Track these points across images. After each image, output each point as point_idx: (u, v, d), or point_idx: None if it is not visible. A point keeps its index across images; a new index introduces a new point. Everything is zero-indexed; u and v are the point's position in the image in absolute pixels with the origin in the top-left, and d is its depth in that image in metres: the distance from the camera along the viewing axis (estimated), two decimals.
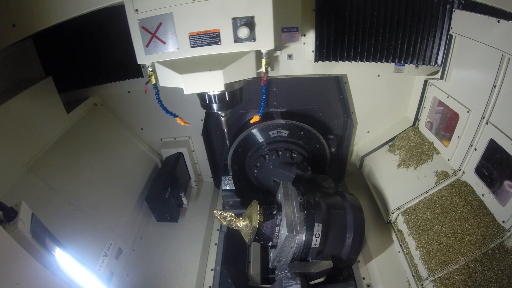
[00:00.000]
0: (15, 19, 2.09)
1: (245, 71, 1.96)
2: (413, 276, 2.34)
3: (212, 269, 2.88)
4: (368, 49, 2.67)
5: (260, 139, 3.19)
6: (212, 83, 1.89)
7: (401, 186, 2.81)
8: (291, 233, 2.27)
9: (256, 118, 2.41)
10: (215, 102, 2.22)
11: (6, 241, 1.28)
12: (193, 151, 3.67)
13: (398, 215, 2.68)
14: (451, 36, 2.41)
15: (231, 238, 3.09)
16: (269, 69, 2.01)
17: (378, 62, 2.72)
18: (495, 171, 2.23)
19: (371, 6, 2.50)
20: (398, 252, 2.58)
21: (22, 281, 1.29)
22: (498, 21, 1.91)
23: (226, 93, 2.18)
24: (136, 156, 3.53)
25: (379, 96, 3.16)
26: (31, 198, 2.21)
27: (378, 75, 3.00)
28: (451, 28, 2.39)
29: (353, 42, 2.66)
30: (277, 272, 2.45)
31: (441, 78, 2.63)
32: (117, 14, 2.49)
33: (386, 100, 3.20)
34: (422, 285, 2.23)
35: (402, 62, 2.72)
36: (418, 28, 2.52)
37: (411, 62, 2.69)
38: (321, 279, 2.45)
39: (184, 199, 3.39)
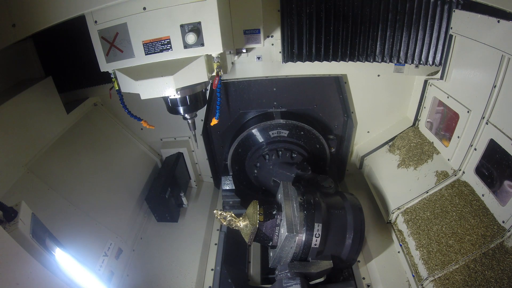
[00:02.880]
0: (15, 19, 2.10)
1: (196, 75, 2.01)
2: (413, 276, 2.34)
3: (212, 269, 2.88)
4: (356, 48, 2.69)
5: (260, 139, 3.19)
6: (165, 89, 1.96)
7: (401, 186, 2.81)
8: (291, 233, 2.27)
9: (214, 121, 2.45)
10: (178, 106, 2.32)
11: (6, 241, 1.28)
12: (193, 151, 3.67)
13: (398, 215, 2.68)
14: (451, 36, 2.41)
15: (231, 238, 3.09)
16: (221, 72, 2.06)
17: (374, 62, 2.72)
18: (495, 171, 2.23)
19: (353, 4, 2.52)
20: (398, 252, 2.58)
21: (22, 281, 1.29)
22: (498, 21, 1.91)
23: (187, 96, 2.25)
24: (136, 156, 3.53)
25: (379, 96, 3.16)
26: (31, 198, 2.21)
27: (378, 75, 3.00)
28: (451, 28, 2.39)
29: (331, 41, 2.68)
30: (277, 272, 2.44)
31: (441, 78, 2.63)
32: None
33: (386, 100, 3.20)
34: (422, 285, 2.23)
35: (403, 62, 2.72)
36: (418, 28, 2.53)
37: (411, 62, 2.69)
38: (321, 279, 2.45)
39: (184, 199, 3.39)
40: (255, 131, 3.17)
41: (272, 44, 2.85)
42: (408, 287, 2.40)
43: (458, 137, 2.45)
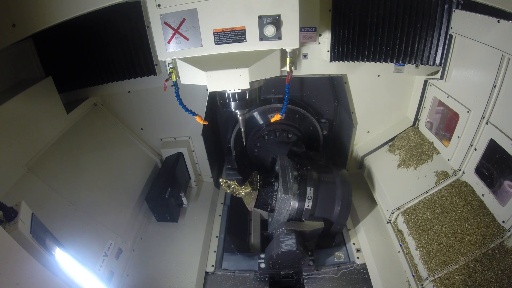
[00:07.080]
0: (15, 19, 2.10)
1: (270, 69, 1.97)
2: (413, 276, 2.34)
3: (216, 236, 3.12)
4: (376, 49, 2.64)
5: (260, 121, 3.53)
6: (237, 81, 1.89)
7: (401, 186, 2.81)
8: (286, 195, 2.55)
9: (278, 117, 2.44)
10: (235, 101, 2.24)
11: (6, 241, 1.28)
12: (193, 151, 3.67)
13: (398, 215, 2.68)
14: (451, 36, 2.41)
15: (234, 210, 3.39)
16: (293, 68, 2.01)
17: (378, 62, 2.72)
18: (495, 171, 2.23)
19: (377, 5, 2.48)
20: (398, 252, 2.58)
21: (22, 281, 1.29)
22: (498, 21, 1.91)
23: (247, 91, 2.21)
24: (136, 156, 3.53)
25: (379, 96, 3.16)
26: (31, 198, 2.21)
27: (378, 75, 3.00)
28: (451, 28, 2.38)
29: (367, 42, 2.63)
30: (275, 231, 2.71)
31: (441, 78, 2.63)
32: (117, 14, 2.49)
33: (386, 100, 3.20)
34: (422, 285, 2.23)
35: (402, 62, 2.71)
36: (418, 28, 2.52)
37: (412, 62, 2.69)
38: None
39: (184, 199, 3.39)
40: (255, 114, 3.54)
41: (319, 43, 2.81)
42: (408, 287, 2.40)
43: (458, 137, 2.45)
